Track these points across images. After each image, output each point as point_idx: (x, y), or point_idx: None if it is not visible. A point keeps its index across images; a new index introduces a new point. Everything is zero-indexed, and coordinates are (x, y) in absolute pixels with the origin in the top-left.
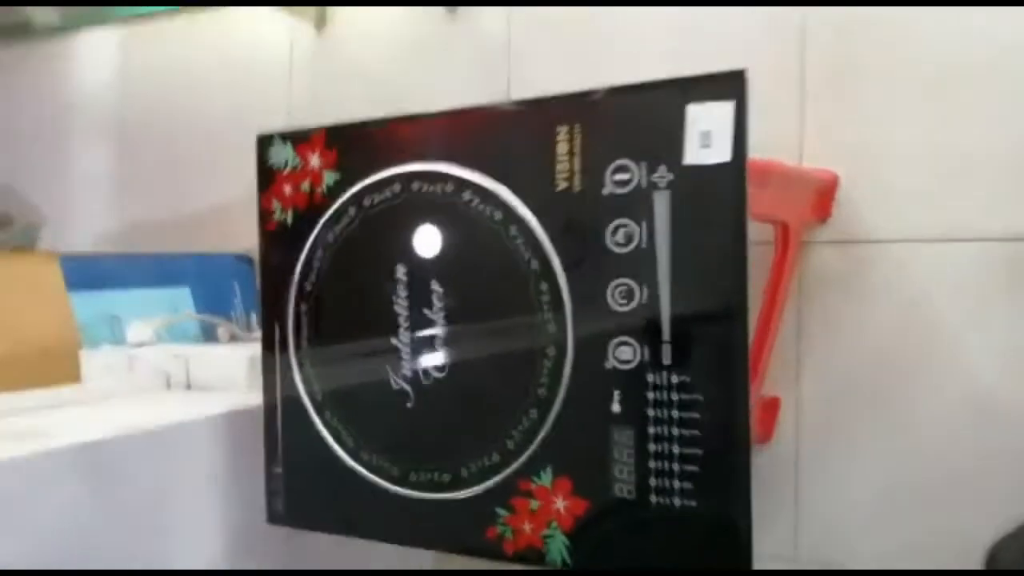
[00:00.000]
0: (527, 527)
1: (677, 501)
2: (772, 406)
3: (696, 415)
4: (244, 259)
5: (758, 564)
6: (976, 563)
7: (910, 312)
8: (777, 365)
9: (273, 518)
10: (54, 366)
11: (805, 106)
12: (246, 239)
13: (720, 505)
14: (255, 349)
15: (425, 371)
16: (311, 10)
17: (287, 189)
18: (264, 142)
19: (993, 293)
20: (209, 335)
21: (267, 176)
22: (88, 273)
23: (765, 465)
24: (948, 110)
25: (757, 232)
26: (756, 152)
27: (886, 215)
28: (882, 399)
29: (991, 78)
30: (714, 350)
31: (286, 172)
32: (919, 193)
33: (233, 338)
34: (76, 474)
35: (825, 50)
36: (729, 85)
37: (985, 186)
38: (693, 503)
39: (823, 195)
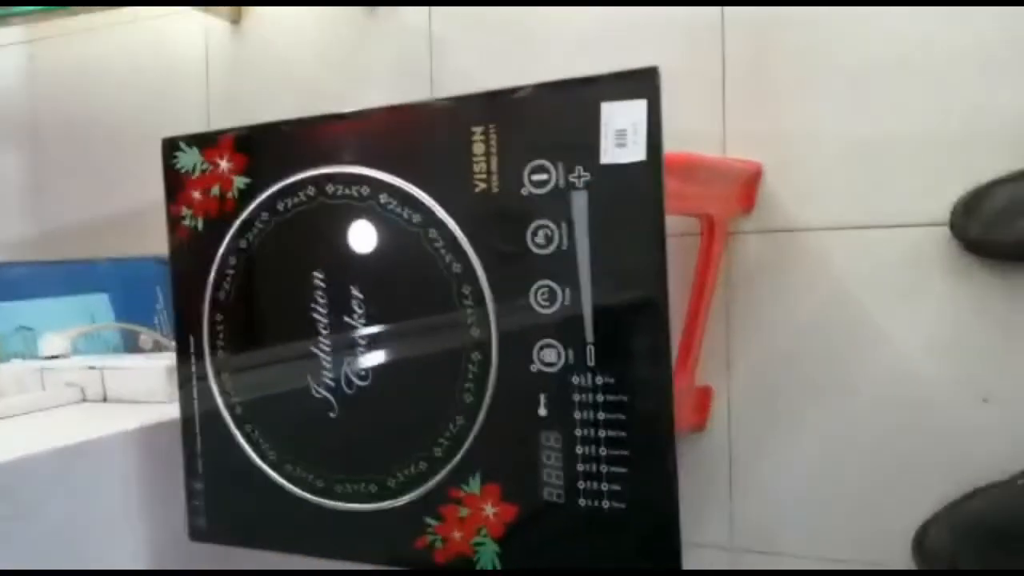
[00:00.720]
0: (457, 535)
1: (606, 503)
2: (705, 395)
3: (622, 416)
4: (166, 263)
5: (694, 554)
6: (906, 546)
7: (836, 299)
8: (708, 355)
9: (195, 535)
10: None
11: (727, 97)
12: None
13: (648, 506)
14: (174, 359)
15: (347, 379)
16: (226, 7)
17: (196, 194)
18: (170, 146)
19: (915, 278)
20: (131, 344)
21: (175, 181)
22: None
23: (699, 454)
24: (867, 100)
25: (684, 224)
26: (679, 144)
27: (809, 204)
28: (811, 385)
29: (907, 70)
30: (637, 350)
31: (195, 177)
32: (841, 182)
33: (157, 345)
34: None
35: (745, 42)
36: (642, 83)
37: (904, 174)
38: (622, 505)
39: (747, 186)
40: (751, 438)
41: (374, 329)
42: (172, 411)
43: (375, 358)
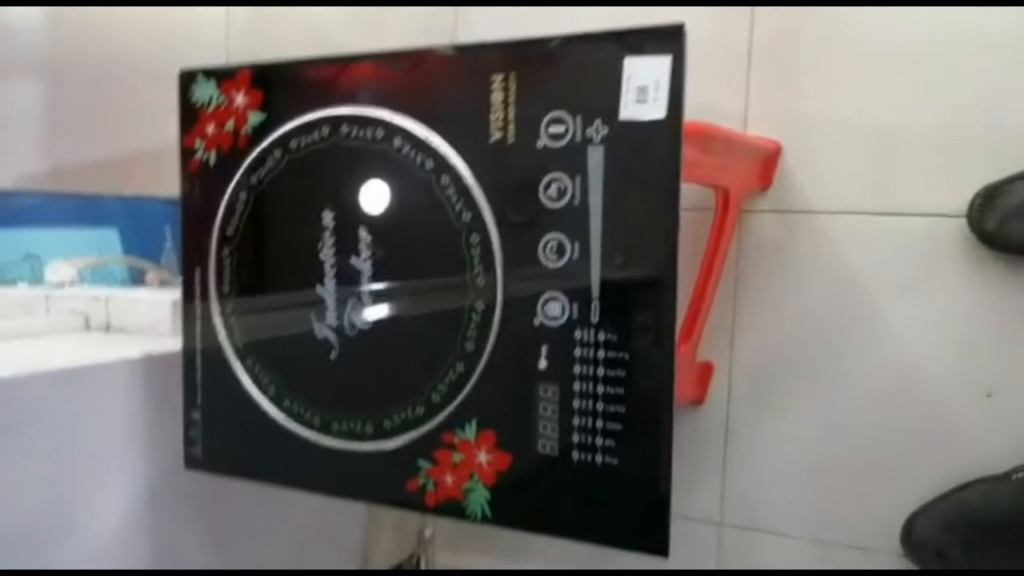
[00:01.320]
0: (449, 479)
1: (599, 458)
2: (706, 370)
3: (621, 373)
4: (176, 203)
5: (682, 527)
6: (896, 532)
7: (845, 283)
8: (712, 330)
9: (191, 463)
10: None
11: (751, 75)
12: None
13: (641, 463)
14: (179, 294)
15: (350, 321)
16: None
17: (210, 128)
18: (187, 78)
19: (928, 268)
20: (138, 279)
21: (190, 114)
22: (7, 210)
23: (696, 428)
24: (892, 88)
25: (698, 199)
26: (701, 117)
27: (826, 187)
28: (812, 367)
29: (933, 60)
30: (642, 309)
31: (210, 110)
32: (859, 167)
33: (163, 283)
34: None
35: (773, 22)
36: (667, 40)
37: (924, 164)
38: (615, 461)
39: (765, 164)
40: (749, 416)
41: (380, 273)
42: (175, 343)
43: (379, 302)
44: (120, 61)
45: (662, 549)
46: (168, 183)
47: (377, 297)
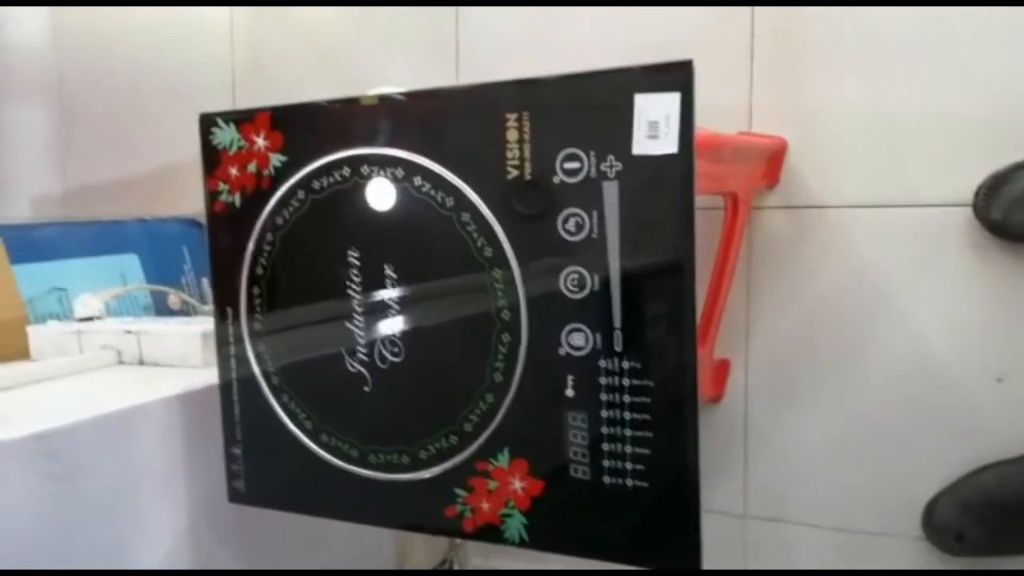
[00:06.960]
0: (485, 506)
1: (629, 482)
2: (723, 368)
3: (647, 399)
4: (193, 223)
5: (706, 520)
6: (915, 517)
7: (856, 275)
8: (727, 327)
9: (234, 497)
10: (1, 343)
11: (755, 71)
12: (194, 202)
13: (669, 485)
14: (208, 323)
15: (381, 355)
16: None
17: (233, 171)
18: (207, 122)
19: (936, 258)
20: (160, 304)
21: (212, 157)
22: (30, 243)
23: (716, 424)
24: (895, 78)
25: (707, 199)
26: (705, 116)
27: (833, 180)
28: (826, 358)
29: (938, 49)
30: (663, 337)
31: (232, 153)
32: (866, 159)
33: (185, 306)
34: (31, 464)
35: (775, 15)
36: (676, 76)
37: (930, 154)
38: (644, 484)
39: (772, 162)
40: (767, 409)
41: (407, 308)
42: (207, 376)
43: (408, 336)
44: (125, 78)
45: (694, 567)
46: (182, 201)
47: (406, 331)
